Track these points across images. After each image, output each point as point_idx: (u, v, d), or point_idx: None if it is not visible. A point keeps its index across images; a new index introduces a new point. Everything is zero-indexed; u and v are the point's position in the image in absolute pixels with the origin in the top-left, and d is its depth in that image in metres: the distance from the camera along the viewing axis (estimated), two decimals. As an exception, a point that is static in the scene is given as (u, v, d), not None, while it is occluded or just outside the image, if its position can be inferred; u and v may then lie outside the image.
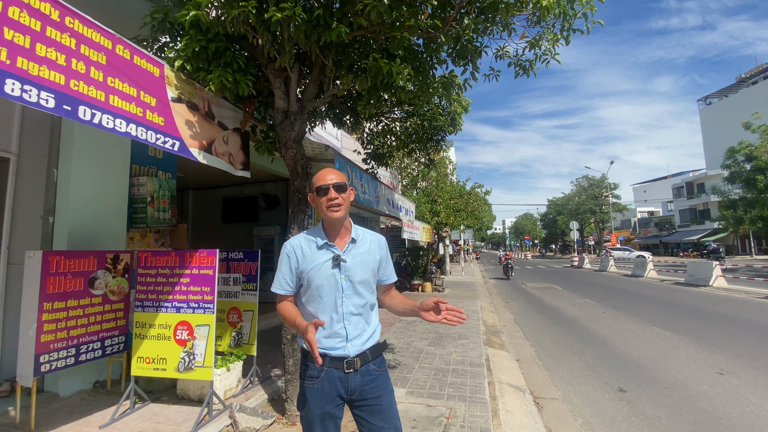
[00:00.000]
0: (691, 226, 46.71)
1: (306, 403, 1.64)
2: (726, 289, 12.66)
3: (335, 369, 1.61)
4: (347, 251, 1.68)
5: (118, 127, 2.37)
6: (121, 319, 3.71)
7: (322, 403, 1.61)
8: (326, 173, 1.69)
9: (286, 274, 1.70)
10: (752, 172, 23.98)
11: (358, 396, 1.64)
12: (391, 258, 1.90)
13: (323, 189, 1.65)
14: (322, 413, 1.61)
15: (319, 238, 1.69)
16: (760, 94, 46.70)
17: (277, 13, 2.57)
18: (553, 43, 3.02)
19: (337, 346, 1.63)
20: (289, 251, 1.70)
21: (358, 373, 1.64)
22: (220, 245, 4.32)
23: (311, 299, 1.66)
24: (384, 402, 1.66)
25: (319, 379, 1.62)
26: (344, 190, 1.68)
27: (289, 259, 1.69)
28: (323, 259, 1.66)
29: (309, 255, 1.67)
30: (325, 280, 1.63)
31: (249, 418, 3.28)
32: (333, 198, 1.64)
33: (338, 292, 1.64)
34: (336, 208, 1.64)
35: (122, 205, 4.35)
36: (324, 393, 1.61)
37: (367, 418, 1.64)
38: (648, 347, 6.04)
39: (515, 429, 3.26)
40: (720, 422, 3.52)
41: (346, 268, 1.65)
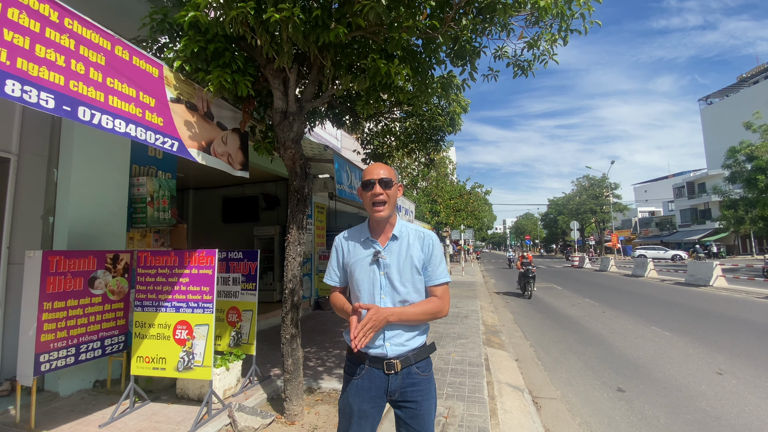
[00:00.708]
0: (692, 225, 46.65)
1: (346, 397, 1.66)
2: (726, 289, 12.65)
3: (376, 369, 1.60)
4: (387, 248, 1.67)
5: (118, 128, 2.38)
6: (120, 318, 3.73)
7: (359, 400, 1.61)
8: (376, 167, 1.68)
9: (335, 266, 1.78)
10: (753, 171, 23.93)
11: (399, 397, 1.62)
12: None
13: (369, 183, 1.64)
14: (359, 410, 1.60)
15: (364, 233, 1.72)
16: (761, 93, 46.58)
17: (275, 13, 2.58)
18: (551, 43, 3.03)
19: (376, 344, 1.59)
20: (337, 245, 1.78)
21: (399, 375, 1.59)
22: (220, 245, 4.34)
23: (353, 293, 1.72)
24: (424, 408, 1.62)
25: (359, 376, 1.63)
26: (390, 186, 1.64)
27: (336, 252, 1.77)
28: (365, 254, 1.68)
29: (353, 249, 1.71)
30: (364, 275, 1.64)
31: (248, 417, 3.30)
32: (378, 194, 1.62)
33: (377, 288, 1.63)
34: (380, 207, 1.63)
35: (122, 205, 4.36)
36: (362, 390, 1.61)
37: (406, 420, 1.62)
38: (647, 347, 6.05)
39: (513, 428, 3.27)
40: (718, 422, 3.53)
41: (385, 264, 1.64)
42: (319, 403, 3.76)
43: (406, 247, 1.67)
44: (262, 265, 9.07)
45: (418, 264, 1.65)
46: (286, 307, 3.42)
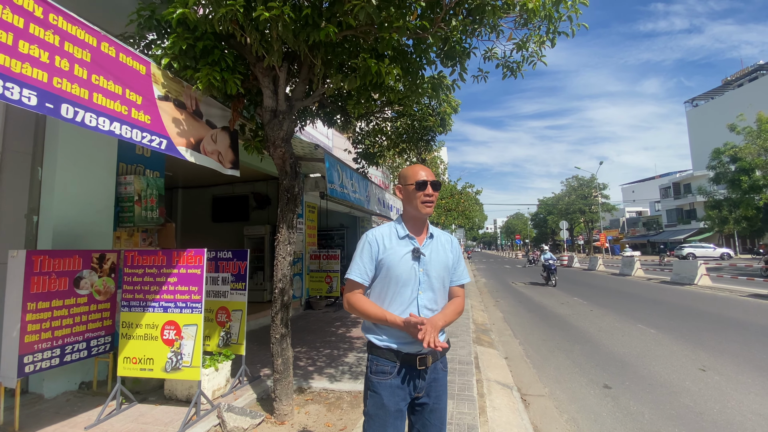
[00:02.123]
0: (678, 225, 47.55)
1: (379, 400, 1.60)
2: (710, 287, 12.92)
3: (408, 365, 1.61)
4: (426, 245, 1.72)
5: (102, 126, 2.35)
6: (107, 319, 3.68)
7: (396, 399, 1.60)
8: (421, 169, 1.74)
9: (367, 261, 1.69)
10: (737, 173, 24.49)
11: (424, 395, 1.65)
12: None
13: (422, 183, 1.69)
14: (397, 410, 1.60)
15: (401, 229, 1.73)
16: (746, 96, 47.64)
17: (265, 12, 2.57)
18: (540, 45, 3.07)
19: (413, 340, 1.60)
20: (371, 240, 1.71)
21: (428, 371, 1.65)
22: (210, 244, 4.30)
23: (387, 290, 1.66)
24: (443, 402, 1.70)
25: (392, 375, 1.61)
26: (438, 189, 1.74)
27: (371, 247, 1.70)
28: (404, 250, 1.68)
29: (390, 245, 1.69)
30: (404, 271, 1.65)
31: (237, 418, 3.28)
32: (430, 194, 1.70)
33: (416, 284, 1.65)
34: (430, 204, 1.71)
35: (108, 203, 4.30)
36: (398, 389, 1.61)
37: (427, 416, 1.66)
38: (633, 344, 6.15)
39: (502, 426, 3.30)
40: (701, 417, 3.61)
41: (425, 261, 1.68)
42: (310, 403, 3.75)
43: (441, 247, 1.76)
44: (252, 264, 9.01)
45: (449, 263, 1.76)
46: (275, 306, 3.41)
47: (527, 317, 8.96)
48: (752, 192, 24.31)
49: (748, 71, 53.19)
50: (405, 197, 1.74)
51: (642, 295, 11.90)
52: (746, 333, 6.71)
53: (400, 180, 1.80)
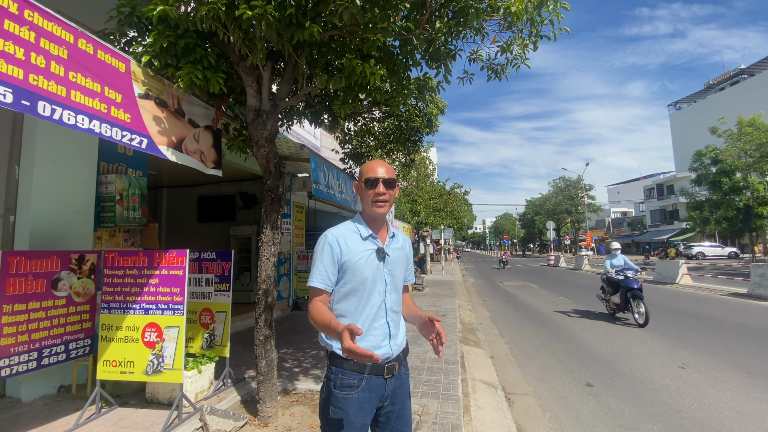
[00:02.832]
0: (661, 226, 48.56)
1: (346, 417, 1.47)
2: (691, 286, 13.23)
3: (375, 375, 1.51)
4: (388, 245, 1.63)
5: (81, 124, 2.30)
6: (86, 321, 3.60)
7: (362, 414, 1.49)
8: (377, 165, 1.62)
9: (328, 265, 1.53)
10: (718, 174, 25.14)
11: (389, 402, 1.57)
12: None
13: (372, 181, 1.58)
14: (363, 426, 1.50)
15: (363, 229, 1.61)
16: (727, 100, 48.93)
17: (248, 10, 2.55)
18: (523, 48, 3.10)
19: (381, 344, 1.53)
20: (332, 241, 1.56)
21: (393, 378, 1.57)
22: (195, 245, 4.25)
23: (353, 294, 1.54)
24: (407, 406, 1.63)
25: (359, 389, 1.49)
26: (393, 186, 1.61)
27: (332, 248, 1.55)
28: (368, 250, 1.57)
29: (353, 246, 1.57)
30: (370, 272, 1.54)
31: (220, 420, 3.25)
32: (381, 193, 1.57)
33: (382, 286, 1.57)
34: (382, 203, 1.59)
35: (89, 203, 4.21)
36: (364, 402, 1.49)
37: (393, 424, 1.58)
38: (616, 342, 6.27)
39: (485, 424, 3.33)
40: (680, 414, 3.69)
41: (389, 261, 1.60)
42: (295, 404, 3.73)
43: (401, 246, 1.70)
44: (238, 265, 8.97)
45: (407, 263, 1.72)
46: (259, 308, 3.38)
47: (513, 316, 9.06)
48: (732, 193, 24.98)
49: (730, 75, 54.63)
50: (360, 195, 1.64)
51: (626, 295, 12.11)
52: (725, 331, 6.89)
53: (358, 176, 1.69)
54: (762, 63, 49.77)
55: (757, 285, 10.64)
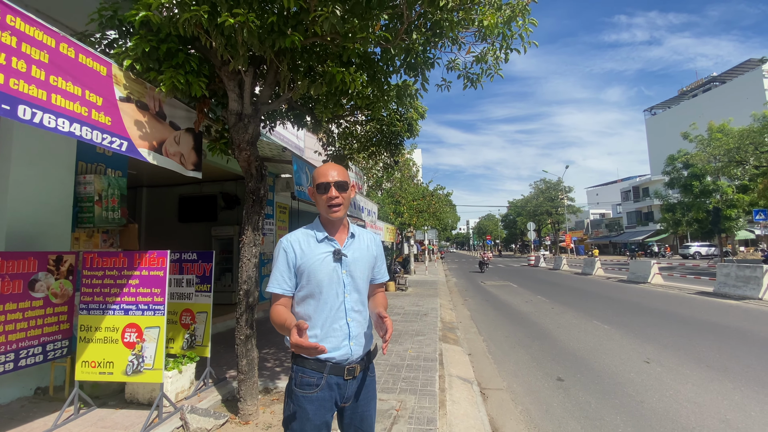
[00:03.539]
0: (637, 227, 50.19)
1: (304, 415, 1.51)
2: (662, 285, 13.78)
3: (335, 375, 1.54)
4: (347, 246, 1.63)
5: (61, 127, 2.34)
6: (64, 322, 3.59)
7: (322, 411, 1.52)
8: (328, 168, 1.61)
9: (283, 270, 1.57)
10: (689, 178, 26.23)
11: (351, 403, 1.60)
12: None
13: (324, 186, 1.57)
14: (323, 423, 1.53)
15: (319, 232, 1.62)
16: (699, 106, 50.88)
17: (230, 18, 2.62)
18: (496, 59, 3.26)
19: (341, 345, 1.55)
20: (286, 246, 1.59)
21: (355, 380, 1.59)
22: (176, 245, 4.26)
23: (311, 297, 1.56)
24: (372, 407, 1.66)
25: (319, 387, 1.52)
26: (346, 189, 1.61)
27: (286, 254, 1.57)
28: (324, 253, 1.58)
29: (308, 249, 1.58)
30: (326, 274, 1.55)
31: (200, 419, 3.29)
32: (334, 197, 1.57)
33: (340, 287, 1.57)
34: (336, 208, 1.58)
35: (66, 204, 4.19)
36: (324, 401, 1.52)
37: (355, 423, 1.62)
38: (588, 339, 6.54)
39: (459, 418, 3.48)
40: (641, 405, 3.92)
41: (347, 262, 1.60)
42: (275, 402, 3.80)
43: (364, 246, 1.69)
44: (220, 266, 8.93)
45: (372, 262, 1.71)
46: (240, 308, 3.45)
47: (493, 315, 9.29)
48: (703, 196, 26.11)
49: (702, 83, 56.83)
50: (315, 200, 1.64)
51: (600, 293, 12.55)
52: (689, 328, 7.25)
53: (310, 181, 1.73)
54: (733, 71, 51.98)
55: (723, 284, 11.19)
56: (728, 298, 10.59)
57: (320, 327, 1.56)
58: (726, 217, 24.87)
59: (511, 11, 2.86)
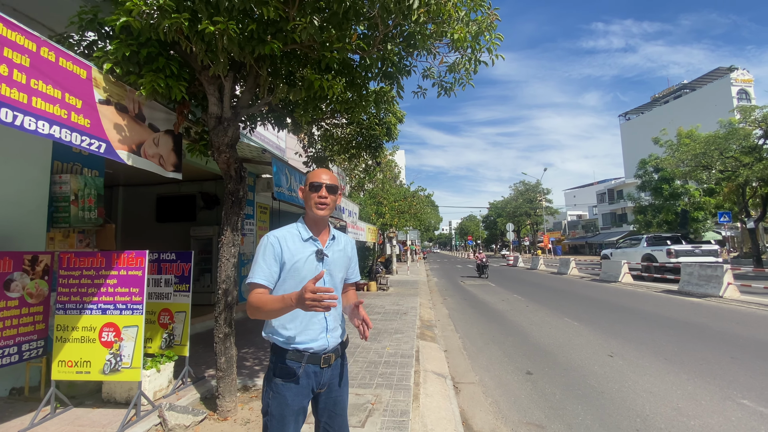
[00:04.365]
0: (612, 228, 51.85)
1: (284, 401, 1.63)
2: (632, 284, 14.39)
3: (312, 364, 1.67)
4: (328, 246, 1.78)
5: (41, 129, 2.39)
6: (39, 322, 3.59)
7: (300, 398, 1.65)
8: (322, 173, 1.78)
9: (271, 263, 1.67)
10: (659, 181, 27.37)
11: (326, 389, 1.74)
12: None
13: (316, 186, 1.73)
14: (300, 408, 1.66)
15: (304, 231, 1.75)
16: (670, 112, 53.05)
17: (210, 26, 2.71)
18: (468, 70, 3.45)
19: (318, 337, 1.68)
20: (273, 241, 1.69)
21: (330, 368, 1.73)
22: (154, 246, 4.29)
23: (292, 291, 1.61)
24: (344, 393, 1.81)
25: (297, 377, 1.65)
26: (335, 192, 1.77)
27: (273, 248, 1.68)
28: (308, 251, 1.71)
29: (293, 247, 1.70)
30: (309, 272, 1.67)
31: (179, 416, 3.35)
32: (323, 197, 1.72)
33: (320, 284, 1.67)
34: (323, 206, 1.73)
35: (42, 203, 4.16)
36: (302, 389, 1.66)
37: (330, 408, 1.76)
38: (558, 335, 6.84)
39: (432, 410, 3.65)
40: (602, 396, 4.18)
41: (328, 262, 1.74)
42: (254, 399, 3.89)
43: (342, 248, 1.85)
44: (199, 266, 8.88)
45: (348, 263, 1.87)
46: (219, 307, 3.53)
47: (470, 313, 9.55)
48: (672, 199, 27.27)
49: (674, 89, 59.22)
50: (304, 198, 1.79)
51: (573, 292, 13.03)
52: (653, 323, 7.67)
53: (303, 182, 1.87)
54: (703, 79, 54.35)
55: (686, 282, 11.79)
56: (691, 296, 11.17)
57: (300, 320, 1.69)
58: (693, 219, 26.09)
59: (477, 27, 3.04)
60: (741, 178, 18.82)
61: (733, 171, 19.90)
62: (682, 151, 24.19)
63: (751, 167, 18.22)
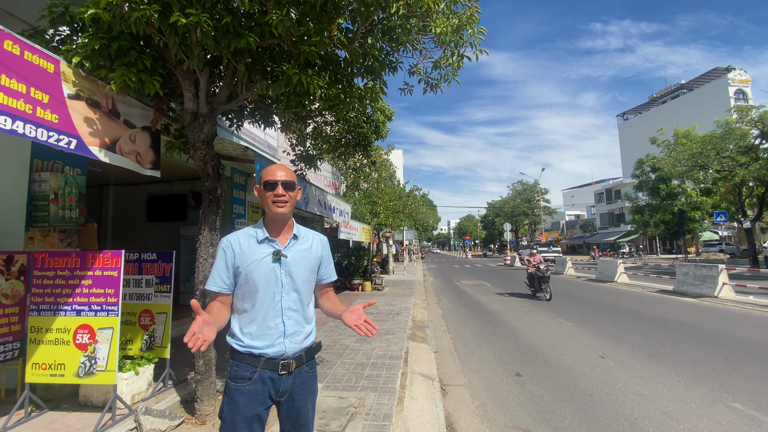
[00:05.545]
0: (609, 228, 51.86)
1: (236, 407, 1.57)
2: (627, 284, 14.34)
3: (269, 370, 1.59)
4: (289, 247, 1.68)
5: (3, 125, 2.30)
6: (15, 324, 3.50)
7: (253, 405, 1.57)
8: (276, 169, 1.69)
9: (221, 270, 1.65)
10: (656, 181, 27.32)
11: (288, 397, 1.64)
12: (332, 258, 1.92)
13: (271, 184, 1.64)
14: (254, 415, 1.58)
15: (260, 232, 1.68)
16: (668, 112, 53.08)
17: (182, 18, 2.62)
18: (450, 65, 3.37)
19: (275, 343, 1.60)
20: (225, 246, 1.66)
21: (291, 375, 1.63)
22: (144, 245, 4.20)
23: (248, 295, 1.63)
24: (309, 403, 1.70)
25: (251, 381, 1.58)
26: (293, 189, 1.67)
27: (225, 254, 1.65)
28: (263, 253, 1.64)
29: (247, 250, 1.64)
30: (263, 274, 1.61)
31: (155, 420, 3.27)
32: (280, 194, 1.63)
33: (277, 287, 1.62)
34: (281, 204, 1.64)
35: (20, 202, 4.06)
36: (256, 395, 1.57)
37: (292, 417, 1.66)
38: (550, 336, 6.76)
39: (415, 413, 3.57)
40: (591, 398, 4.11)
41: (287, 263, 1.65)
42: (235, 402, 3.80)
43: (307, 247, 1.74)
44: (189, 266, 8.76)
45: (316, 264, 1.76)
46: (197, 307, 3.43)
47: (463, 313, 9.47)
48: (669, 198, 27.23)
49: (671, 90, 59.25)
50: (260, 198, 1.70)
51: (568, 292, 12.95)
52: (646, 324, 7.60)
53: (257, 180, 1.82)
54: (700, 79, 54.39)
55: (681, 282, 11.74)
56: (686, 296, 11.11)
57: (257, 324, 1.62)
58: (690, 219, 26.05)
59: (458, 20, 2.96)
60: (738, 178, 18.80)
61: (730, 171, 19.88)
62: (679, 151, 24.15)
63: (748, 167, 18.18)
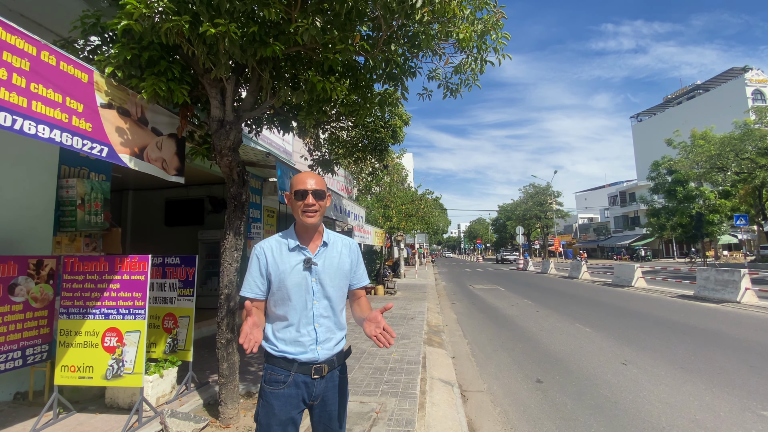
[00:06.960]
0: (624, 231, 51.00)
1: (270, 410, 1.60)
2: (645, 289, 14.06)
3: (302, 374, 1.62)
4: (319, 254, 1.70)
5: (41, 133, 2.37)
6: (44, 327, 3.59)
7: (288, 408, 1.61)
8: (307, 177, 1.69)
9: (256, 276, 1.67)
10: (673, 183, 26.83)
11: (320, 401, 1.68)
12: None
13: (301, 193, 1.65)
14: (288, 419, 1.61)
15: (291, 240, 1.70)
16: (683, 113, 52.13)
17: (211, 28, 2.68)
18: (474, 71, 3.37)
19: (308, 349, 1.64)
20: (259, 253, 1.68)
21: (324, 379, 1.66)
22: (162, 249, 4.28)
23: (281, 302, 1.66)
24: (341, 406, 1.73)
25: (285, 384, 1.61)
26: (323, 197, 1.68)
27: (258, 261, 1.68)
28: (294, 261, 1.66)
29: (279, 258, 1.66)
30: (294, 283, 1.63)
31: (180, 423, 3.31)
32: (310, 204, 1.65)
33: (309, 294, 1.65)
34: (311, 213, 1.65)
35: (48, 207, 4.18)
36: (290, 398, 1.61)
37: (324, 421, 1.69)
38: (569, 342, 6.67)
39: (438, 419, 3.55)
40: (616, 406, 4.03)
41: (317, 271, 1.67)
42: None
43: (337, 254, 1.75)
44: (206, 270, 8.90)
45: (347, 269, 1.77)
46: (221, 312, 3.48)
47: (479, 318, 9.40)
48: (686, 201, 26.70)
49: (687, 90, 58.23)
50: (291, 206, 1.71)
51: (585, 297, 12.76)
52: (668, 330, 7.44)
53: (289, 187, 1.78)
54: (716, 79, 53.34)
55: (702, 287, 11.47)
56: (707, 301, 10.85)
57: (290, 331, 1.67)
58: (709, 222, 25.47)
59: (483, 26, 2.96)
60: (757, 180, 18.36)
61: (749, 173, 19.43)
62: (697, 153, 23.73)
63: (768, 169, 17.73)
